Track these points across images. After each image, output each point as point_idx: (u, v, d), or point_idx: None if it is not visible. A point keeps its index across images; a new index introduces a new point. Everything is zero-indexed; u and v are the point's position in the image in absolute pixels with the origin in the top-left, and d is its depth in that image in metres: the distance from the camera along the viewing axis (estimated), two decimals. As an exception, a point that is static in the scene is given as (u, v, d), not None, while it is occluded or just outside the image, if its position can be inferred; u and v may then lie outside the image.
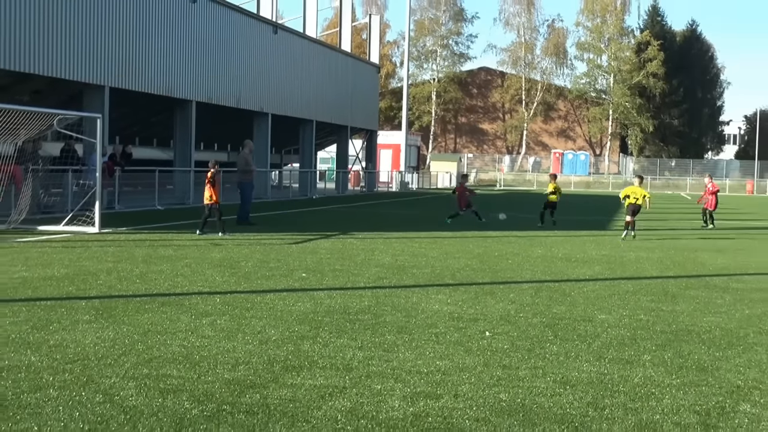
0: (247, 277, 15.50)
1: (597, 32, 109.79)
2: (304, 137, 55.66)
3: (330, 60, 58.52)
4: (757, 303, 14.08)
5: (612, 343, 10.46)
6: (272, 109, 49.08)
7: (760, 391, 8.43)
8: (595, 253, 21.75)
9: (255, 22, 47.83)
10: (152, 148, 52.81)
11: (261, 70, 47.99)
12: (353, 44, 67.86)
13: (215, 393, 7.77)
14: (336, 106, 58.42)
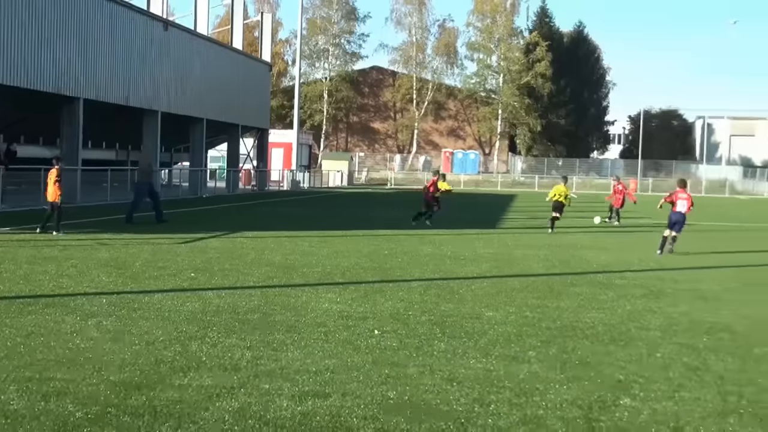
0: (135, 277, 15.32)
1: (487, 33, 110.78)
2: (195, 135, 55.08)
3: (221, 58, 58.04)
4: (639, 299, 14.44)
5: (498, 340, 10.62)
6: (162, 107, 48.45)
7: (640, 384, 8.65)
8: (484, 251, 22.01)
9: (145, 18, 47.17)
10: (38, 146, 51.66)
11: (151, 67, 47.34)
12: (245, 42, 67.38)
13: (100, 395, 7.67)
14: (227, 105, 57.93)
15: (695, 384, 8.76)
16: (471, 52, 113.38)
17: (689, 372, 9.25)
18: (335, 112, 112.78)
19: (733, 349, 10.51)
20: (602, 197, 50.81)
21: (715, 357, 10.03)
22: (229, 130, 61.88)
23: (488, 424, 7.22)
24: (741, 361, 9.83)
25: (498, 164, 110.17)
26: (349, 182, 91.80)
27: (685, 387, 8.62)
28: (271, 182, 71.13)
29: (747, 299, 14.79)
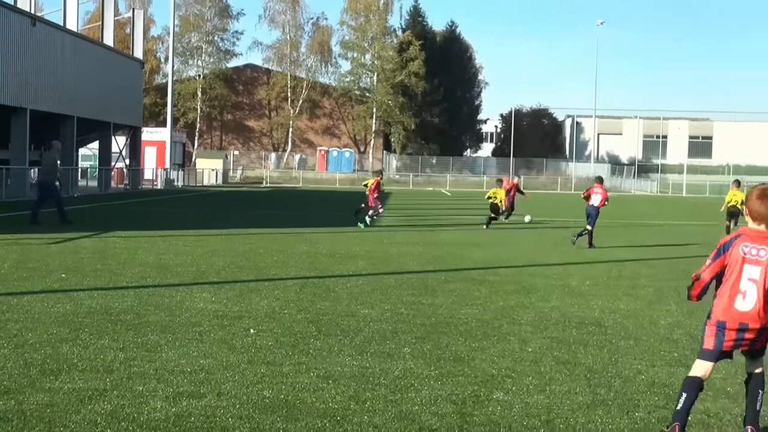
0: (3, 279, 14.93)
1: (361, 31, 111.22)
2: (65, 134, 53.93)
3: (92, 55, 56.97)
4: (511, 294, 14.69)
5: (374, 337, 10.69)
6: (31, 105, 47.31)
7: (513, 379, 8.81)
8: (359, 249, 22.10)
9: (12, 13, 45.98)
10: None
11: (18, 64, 46.17)
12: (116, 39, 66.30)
13: (-33, 400, 7.47)
14: (98, 102, 56.87)
15: (565, 377, 8.96)
16: (345, 51, 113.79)
17: (560, 366, 9.46)
18: (209, 110, 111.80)
19: (601, 342, 10.78)
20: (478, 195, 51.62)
21: (584, 350, 10.27)
22: (101, 128, 60.79)
23: (364, 421, 7.26)
24: (609, 354, 10.09)
25: (373, 162, 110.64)
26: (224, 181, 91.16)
27: (555, 380, 8.81)
28: (145, 181, 70.20)
29: (615, 294, 15.17)
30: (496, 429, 7.16)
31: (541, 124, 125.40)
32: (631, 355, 10.12)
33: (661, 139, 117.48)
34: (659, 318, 12.72)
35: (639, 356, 10.04)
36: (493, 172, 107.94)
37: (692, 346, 10.67)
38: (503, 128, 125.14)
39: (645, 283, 16.84)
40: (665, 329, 11.82)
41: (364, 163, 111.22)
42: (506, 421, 7.36)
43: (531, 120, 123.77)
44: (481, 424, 7.27)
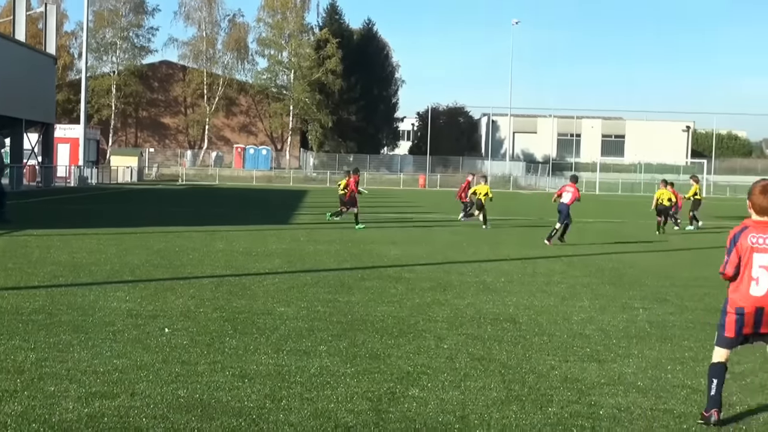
0: None
1: (278, 29, 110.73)
2: (-26, 130, 52.83)
3: (3, 50, 55.86)
4: (427, 291, 14.77)
5: (290, 335, 10.67)
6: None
7: (428, 375, 8.87)
8: (276, 247, 22.03)
9: None
10: None
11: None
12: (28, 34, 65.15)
13: None
14: (9, 98, 55.73)
15: (480, 373, 9.04)
16: (262, 48, 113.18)
17: (474, 362, 9.54)
18: (124, 106, 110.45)
19: (515, 338, 10.90)
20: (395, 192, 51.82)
21: (498, 347, 10.37)
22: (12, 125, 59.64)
23: (279, 419, 7.25)
24: (523, 350, 10.21)
25: (290, 160, 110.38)
26: (139, 178, 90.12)
27: (470, 376, 8.89)
28: (58, 178, 69.04)
29: (529, 290, 15.34)
30: (412, 425, 7.21)
31: (457, 122, 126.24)
32: (544, 350, 10.24)
33: (575, 138, 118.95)
34: (572, 314, 12.90)
35: (552, 352, 10.17)
36: (410, 170, 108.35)
37: (604, 341, 10.87)
38: (420, 126, 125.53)
39: (559, 279, 17.06)
40: (578, 325, 11.99)
41: (281, 161, 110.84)
42: (421, 418, 7.41)
43: (447, 118, 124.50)
44: (397, 421, 7.31)
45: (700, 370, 9.43)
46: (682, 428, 7.34)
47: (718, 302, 14.29)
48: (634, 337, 11.23)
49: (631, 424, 7.43)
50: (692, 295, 15.21)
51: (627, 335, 11.31)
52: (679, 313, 13.25)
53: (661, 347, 10.61)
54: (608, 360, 9.82)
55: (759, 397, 8.41)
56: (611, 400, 8.14)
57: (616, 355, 10.07)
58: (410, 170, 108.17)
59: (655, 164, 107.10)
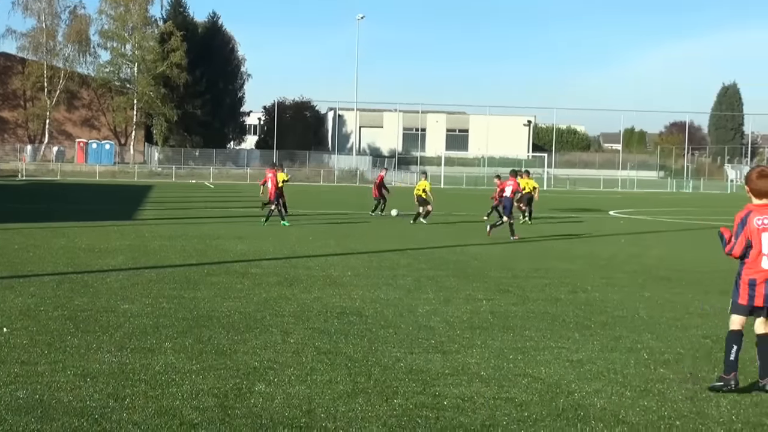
0: None
1: (121, 21, 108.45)
2: None
3: None
4: (274, 286, 14.75)
5: (134, 333, 10.52)
6: None
7: (275, 370, 8.87)
8: (119, 243, 21.65)
9: None
10: None
11: None
12: None
13: None
14: None
15: (327, 367, 9.08)
16: (104, 41, 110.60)
17: (321, 356, 9.58)
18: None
19: (362, 331, 10.98)
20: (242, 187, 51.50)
21: (345, 340, 10.44)
22: None
23: (123, 418, 7.15)
24: (369, 343, 10.30)
25: (135, 155, 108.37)
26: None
27: (317, 370, 8.92)
28: None
29: (375, 283, 15.47)
30: (258, 421, 7.20)
31: (304, 116, 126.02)
32: (390, 343, 10.35)
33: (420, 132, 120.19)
34: (417, 306, 13.07)
35: (398, 344, 10.29)
36: (256, 164, 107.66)
37: (448, 332, 11.05)
38: (266, 120, 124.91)
39: (404, 272, 17.24)
40: (423, 317, 12.16)
41: (125, 156, 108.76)
42: (268, 413, 7.41)
43: (294, 112, 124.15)
44: (243, 417, 7.29)
45: (541, 358, 9.69)
46: (524, 416, 7.53)
47: (559, 292, 14.76)
48: (478, 327, 11.45)
49: (474, 413, 7.57)
50: (533, 286, 15.58)
51: (470, 326, 11.53)
52: (520, 304, 13.56)
53: (503, 337, 10.85)
54: (452, 351, 9.99)
55: (596, 384, 8.68)
56: (455, 390, 8.30)
57: (459, 346, 10.26)
58: (257, 165, 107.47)
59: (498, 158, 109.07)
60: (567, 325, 11.83)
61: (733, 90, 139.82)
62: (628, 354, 10.06)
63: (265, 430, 7.01)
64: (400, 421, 7.30)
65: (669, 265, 19.44)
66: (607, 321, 12.19)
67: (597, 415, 7.62)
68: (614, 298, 14.38)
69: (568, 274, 17.50)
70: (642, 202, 61.61)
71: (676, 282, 16.68)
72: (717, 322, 12.23)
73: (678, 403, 8.03)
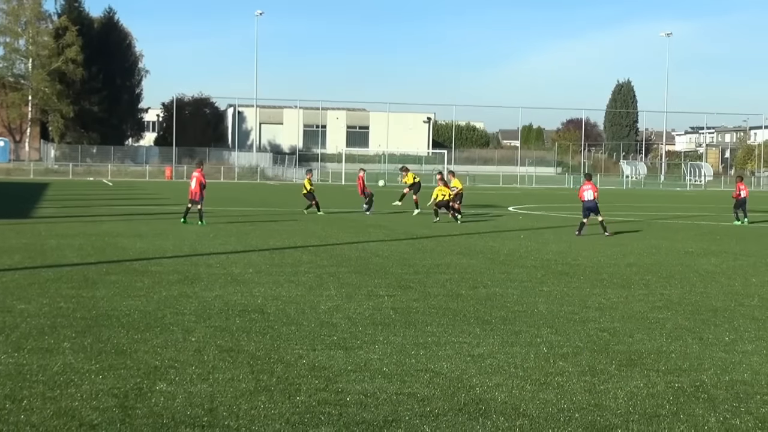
0: None
1: (14, 15, 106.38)
2: None
3: None
4: (174, 284, 14.62)
5: (32, 333, 10.34)
6: None
7: (176, 369, 8.79)
8: (15, 242, 21.23)
9: None
10: None
11: None
12: None
13: None
14: None
15: (229, 365, 9.04)
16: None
17: (223, 354, 9.53)
18: None
19: (264, 329, 10.95)
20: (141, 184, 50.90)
21: (247, 338, 10.40)
22: None
23: (21, 420, 7.03)
24: (271, 341, 10.27)
25: (30, 152, 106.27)
26: None
27: (219, 369, 8.87)
28: None
29: (277, 280, 15.42)
30: (159, 420, 7.14)
31: (203, 113, 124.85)
32: (292, 340, 10.34)
33: (320, 129, 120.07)
34: (320, 303, 13.08)
35: (300, 341, 10.29)
36: (156, 161, 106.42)
37: (351, 329, 11.09)
38: (165, 117, 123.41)
39: (306, 269, 17.23)
40: (325, 314, 12.17)
41: (21, 153, 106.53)
42: (169, 412, 7.35)
43: (193, 109, 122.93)
44: (144, 417, 7.22)
45: (442, 353, 9.78)
46: (426, 411, 7.58)
47: (459, 288, 14.91)
48: (380, 324, 11.50)
49: (377, 409, 7.61)
50: (434, 282, 15.69)
51: (373, 322, 11.57)
52: (422, 300, 13.65)
53: (405, 333, 10.92)
54: (355, 347, 10.03)
55: (497, 378, 8.79)
56: (358, 386, 8.33)
57: (362, 342, 10.29)
58: (156, 162, 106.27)
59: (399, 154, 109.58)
60: (468, 320, 11.95)
61: (627, 87, 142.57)
62: (528, 348, 10.21)
63: (167, 429, 6.96)
64: (303, 418, 7.30)
65: (567, 260, 19.76)
66: (507, 316, 12.34)
67: (498, 408, 7.72)
68: (514, 293, 14.56)
69: (469, 270, 17.66)
70: (540, 198, 62.50)
71: (573, 276, 16.97)
72: (614, 315, 12.50)
73: (577, 396, 8.18)
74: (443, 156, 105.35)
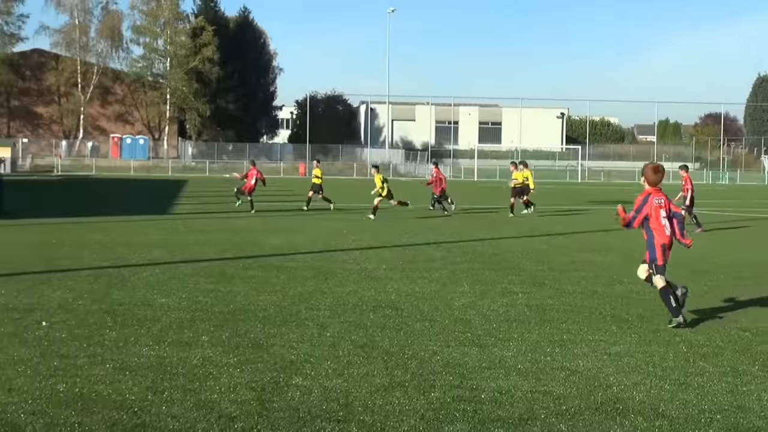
0: None
1: (152, 16, 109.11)
2: None
3: None
4: (309, 280, 14.76)
5: (171, 326, 10.56)
6: None
7: (311, 364, 8.87)
8: (155, 237, 21.76)
9: None
10: None
11: None
12: None
13: None
14: None
15: (363, 360, 9.08)
16: (137, 36, 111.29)
17: (358, 349, 9.58)
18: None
19: (397, 324, 10.97)
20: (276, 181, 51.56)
21: (381, 333, 10.43)
22: None
23: (162, 411, 7.18)
24: (405, 336, 10.28)
25: (168, 149, 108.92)
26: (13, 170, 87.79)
27: (354, 364, 8.92)
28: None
29: (410, 277, 15.44)
30: (296, 414, 7.21)
31: (336, 110, 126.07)
32: (426, 336, 10.34)
33: (453, 125, 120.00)
34: (453, 299, 13.04)
35: (434, 337, 10.27)
36: (290, 158, 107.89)
37: (485, 326, 11.02)
38: (299, 114, 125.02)
39: (439, 265, 17.21)
40: (459, 310, 12.13)
41: (159, 150, 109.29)
42: (305, 406, 7.42)
43: (326, 106, 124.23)
44: (281, 410, 7.30)
45: (578, 351, 9.65)
46: (562, 409, 7.49)
47: (595, 285, 14.68)
48: (514, 320, 11.41)
49: (512, 407, 7.55)
50: (569, 279, 15.50)
51: (507, 319, 11.49)
52: (557, 297, 13.49)
53: (540, 330, 10.81)
54: (489, 344, 9.96)
55: (634, 377, 8.63)
56: (492, 383, 8.27)
57: (496, 339, 10.22)
58: (290, 158, 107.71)
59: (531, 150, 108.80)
60: (604, 317, 11.77)
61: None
62: (667, 347, 9.99)
63: (303, 423, 7.02)
64: (438, 415, 7.29)
65: (708, 258, 19.26)
66: (645, 314, 12.12)
67: (636, 408, 7.57)
68: (651, 291, 14.23)
69: (604, 267, 17.40)
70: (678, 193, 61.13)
71: (714, 275, 16.53)
72: (757, 315, 12.14)
73: (718, 396, 7.97)
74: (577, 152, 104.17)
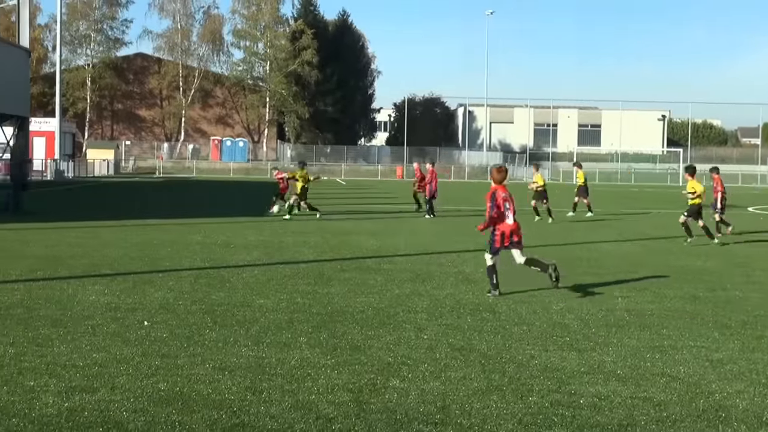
0: None
1: (253, 20, 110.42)
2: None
3: (-25, 43, 55.40)
4: (406, 283, 14.77)
5: (270, 327, 10.66)
6: None
7: (409, 366, 8.88)
8: (254, 239, 21.99)
9: None
10: None
11: None
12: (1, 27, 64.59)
13: None
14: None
15: (461, 363, 9.05)
16: (237, 40, 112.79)
17: (455, 352, 9.56)
18: (99, 99, 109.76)
19: (495, 328, 10.92)
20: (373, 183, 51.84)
21: (479, 337, 10.39)
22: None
23: (260, 411, 7.25)
24: (503, 340, 10.23)
25: (267, 152, 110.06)
26: (116, 171, 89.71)
27: (451, 367, 8.90)
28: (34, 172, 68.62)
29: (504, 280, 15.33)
30: (393, 416, 7.21)
31: (433, 112, 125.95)
32: (524, 340, 10.27)
33: (552, 128, 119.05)
34: (551, 303, 12.93)
35: (532, 341, 10.20)
36: (387, 161, 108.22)
37: (583, 330, 10.90)
38: (397, 117, 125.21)
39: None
40: (557, 314, 12.02)
41: (258, 153, 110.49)
42: (402, 408, 7.42)
43: (424, 109, 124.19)
44: (378, 412, 7.31)
45: (679, 358, 9.49)
46: (662, 416, 7.37)
47: (696, 290, 14.42)
48: (613, 325, 11.27)
49: (611, 413, 7.45)
50: (669, 284, 15.25)
51: (606, 324, 11.35)
52: (657, 302, 13.29)
53: (639, 336, 10.66)
54: (587, 349, 9.86)
55: (737, 384, 8.45)
56: (591, 388, 8.18)
57: (595, 344, 10.11)
58: (388, 161, 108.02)
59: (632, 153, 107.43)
60: (706, 323, 11.55)
61: None
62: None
63: (400, 425, 7.02)
64: (536, 419, 7.23)
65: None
66: (748, 320, 11.86)
67: (739, 416, 7.42)
68: (755, 297, 13.98)
69: (706, 272, 17.09)
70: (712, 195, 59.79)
71: (819, 280, 16.11)
72: None
73: (825, 406, 7.76)
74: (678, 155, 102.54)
